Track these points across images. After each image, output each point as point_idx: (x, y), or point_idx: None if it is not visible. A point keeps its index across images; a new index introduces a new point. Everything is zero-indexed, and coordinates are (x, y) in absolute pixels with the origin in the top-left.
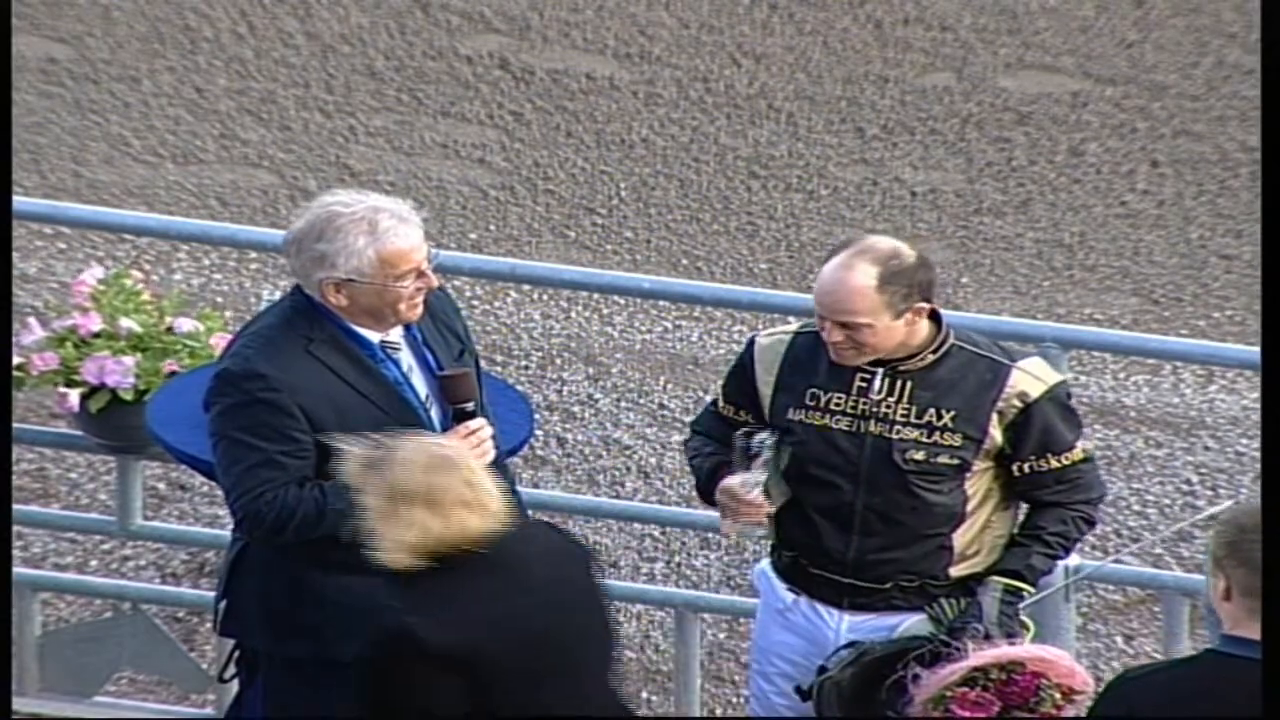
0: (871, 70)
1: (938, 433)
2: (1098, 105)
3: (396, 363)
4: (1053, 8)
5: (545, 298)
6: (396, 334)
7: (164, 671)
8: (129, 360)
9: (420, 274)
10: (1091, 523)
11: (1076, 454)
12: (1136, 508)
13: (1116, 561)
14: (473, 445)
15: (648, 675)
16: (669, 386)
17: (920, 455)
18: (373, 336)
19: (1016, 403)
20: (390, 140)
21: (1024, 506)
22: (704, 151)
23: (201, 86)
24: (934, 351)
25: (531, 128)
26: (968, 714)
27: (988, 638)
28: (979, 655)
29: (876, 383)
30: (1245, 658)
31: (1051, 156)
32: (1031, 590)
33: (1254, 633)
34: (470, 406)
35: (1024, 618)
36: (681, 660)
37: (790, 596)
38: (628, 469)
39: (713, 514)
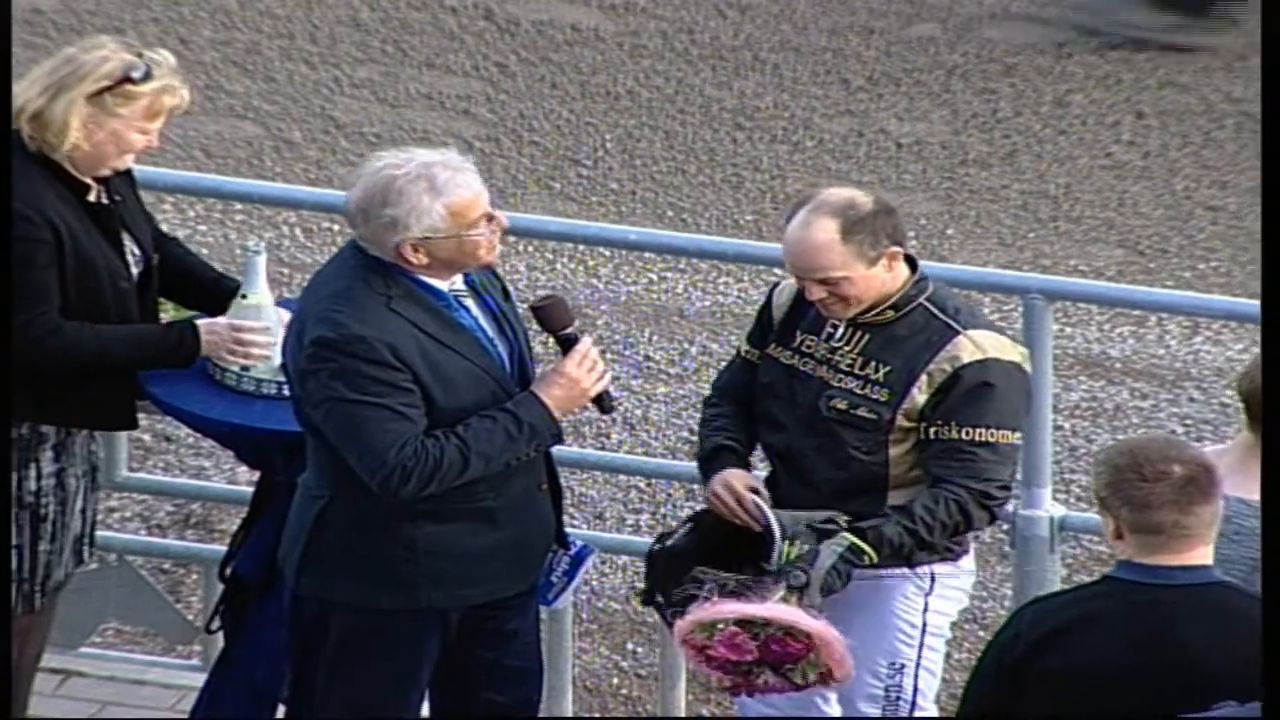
0: (857, 21)
1: (869, 386)
2: (1083, 56)
3: (467, 308)
4: None
5: (530, 249)
6: (459, 280)
7: (150, 623)
8: None
9: (490, 217)
10: (968, 514)
11: (983, 435)
12: None
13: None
14: (588, 370)
15: (633, 626)
16: (654, 338)
17: (843, 405)
18: (442, 286)
19: (946, 366)
20: (375, 92)
21: None
22: (689, 103)
23: (186, 38)
24: (894, 308)
25: (516, 79)
26: (723, 652)
27: (807, 586)
28: (773, 609)
29: (839, 330)
30: (1139, 582)
31: (1037, 108)
32: (873, 557)
33: (1147, 561)
34: (572, 331)
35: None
36: None
37: None
38: (613, 420)
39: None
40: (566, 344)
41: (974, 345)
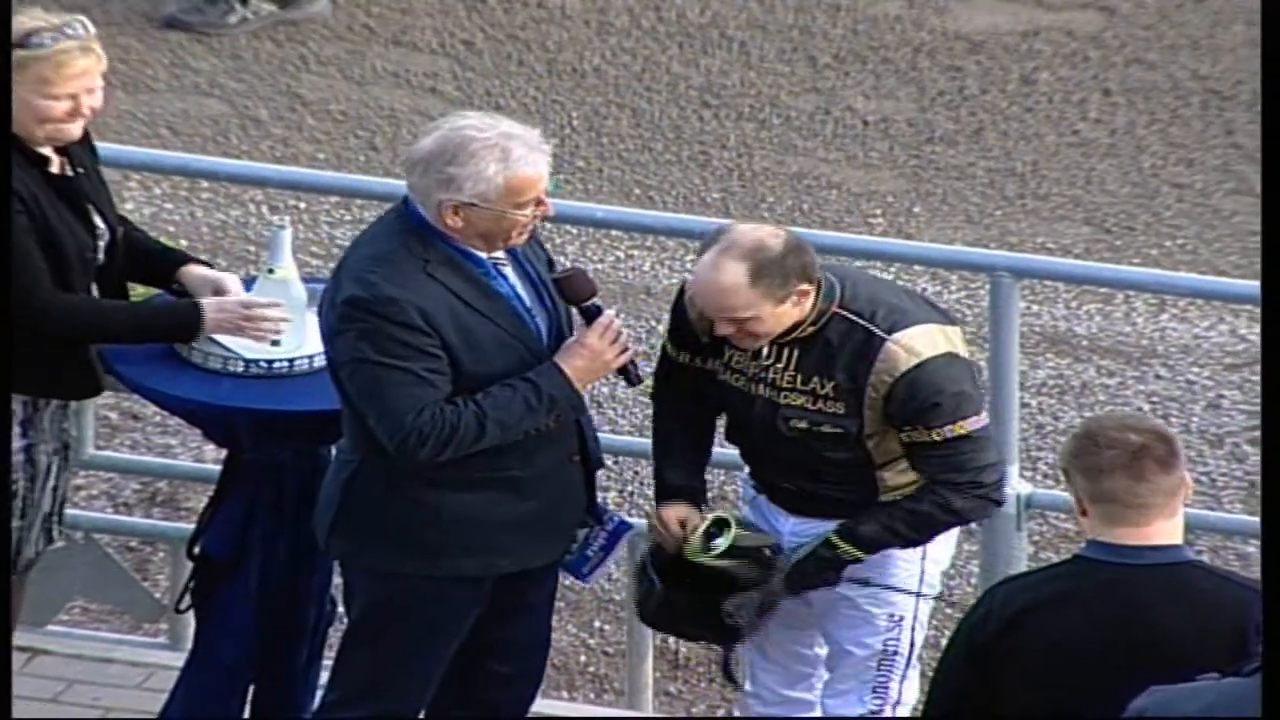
0: None
1: (821, 401)
2: (1049, 34)
3: (505, 276)
4: None
5: None
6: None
7: (117, 601)
8: None
9: (539, 202)
10: (954, 510)
11: (951, 430)
12: None
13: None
14: (610, 341)
15: (600, 604)
16: (622, 316)
17: (803, 424)
18: (481, 254)
19: (885, 378)
20: (342, 69)
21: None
22: (656, 81)
23: (152, 15)
24: (813, 324)
25: (483, 56)
26: None
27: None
28: None
29: (765, 349)
30: (1107, 561)
31: (1003, 85)
32: (852, 554)
33: (1113, 539)
34: (594, 302)
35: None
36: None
37: (753, 492)
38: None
39: None
40: (589, 315)
41: (905, 351)
